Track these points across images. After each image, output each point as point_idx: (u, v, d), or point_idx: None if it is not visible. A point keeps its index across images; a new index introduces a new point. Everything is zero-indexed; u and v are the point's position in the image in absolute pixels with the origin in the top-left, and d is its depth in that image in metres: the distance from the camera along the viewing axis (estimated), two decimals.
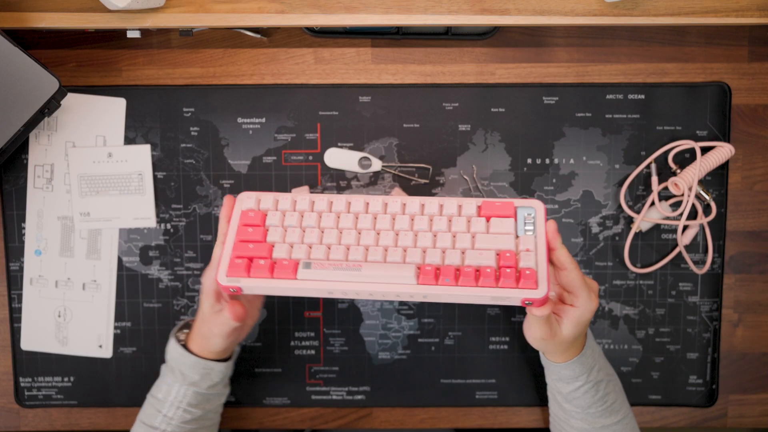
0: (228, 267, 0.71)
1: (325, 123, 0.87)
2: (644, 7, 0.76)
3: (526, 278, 0.67)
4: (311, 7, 0.76)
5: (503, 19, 0.76)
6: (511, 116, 0.87)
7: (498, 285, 0.67)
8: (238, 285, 0.70)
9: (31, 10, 0.76)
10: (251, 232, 0.72)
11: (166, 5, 0.76)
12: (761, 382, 0.92)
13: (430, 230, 0.71)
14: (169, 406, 0.78)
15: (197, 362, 0.78)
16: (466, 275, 0.67)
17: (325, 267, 0.69)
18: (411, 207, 0.73)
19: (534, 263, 0.68)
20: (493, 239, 0.70)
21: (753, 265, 0.90)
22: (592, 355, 0.77)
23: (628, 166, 0.87)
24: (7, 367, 0.91)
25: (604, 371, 0.79)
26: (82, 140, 0.86)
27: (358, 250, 0.70)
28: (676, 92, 0.86)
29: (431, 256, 0.69)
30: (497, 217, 0.72)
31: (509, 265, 0.68)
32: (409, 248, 0.70)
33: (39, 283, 0.88)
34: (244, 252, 0.71)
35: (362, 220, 0.72)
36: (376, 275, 0.68)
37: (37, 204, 0.88)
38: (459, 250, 0.69)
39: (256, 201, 0.74)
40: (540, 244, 0.70)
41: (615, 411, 0.78)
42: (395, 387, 0.90)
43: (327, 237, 0.72)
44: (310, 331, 0.90)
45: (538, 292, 0.66)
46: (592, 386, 0.77)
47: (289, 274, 0.69)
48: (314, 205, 0.74)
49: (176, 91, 0.86)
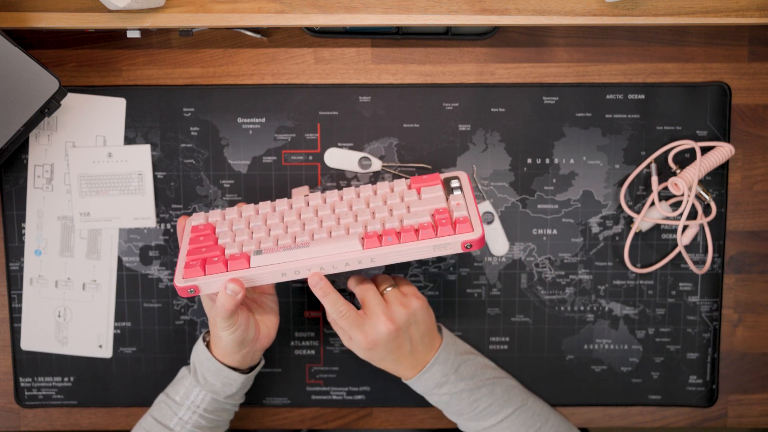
0: (184, 269, 0.74)
1: (325, 123, 0.87)
2: (644, 7, 0.76)
3: (461, 223, 0.72)
4: (311, 7, 0.76)
5: (503, 19, 0.76)
6: (511, 116, 0.87)
7: (437, 235, 0.72)
8: (194, 284, 0.73)
9: (31, 10, 0.76)
10: (202, 240, 0.77)
11: (166, 5, 0.76)
12: (761, 382, 0.92)
13: (368, 208, 0.76)
14: (186, 410, 0.78)
15: (220, 369, 0.77)
16: (406, 232, 0.72)
17: (275, 251, 0.73)
18: (347, 195, 0.78)
19: (466, 212, 0.74)
20: (425, 203, 0.75)
21: (753, 265, 0.90)
22: (441, 370, 0.78)
23: (628, 166, 0.87)
24: (7, 367, 0.91)
25: (468, 381, 0.79)
26: (82, 140, 0.86)
27: (304, 233, 0.75)
28: (676, 92, 0.86)
29: (372, 225, 0.74)
30: (427, 186, 0.77)
31: (444, 217, 0.73)
32: (351, 224, 0.75)
33: (39, 283, 0.88)
34: (197, 255, 0.75)
35: (305, 212, 0.77)
36: (325, 248, 0.72)
37: (37, 204, 0.88)
38: (397, 217, 0.75)
39: (205, 217, 0.80)
40: (469, 200, 0.76)
41: (493, 413, 0.79)
42: (395, 387, 0.90)
43: (274, 230, 0.77)
44: (310, 331, 0.90)
45: (474, 234, 0.71)
46: (452, 397, 0.79)
47: (243, 264, 0.73)
48: (259, 210, 0.79)
49: (176, 91, 0.86)
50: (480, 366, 0.81)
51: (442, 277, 0.89)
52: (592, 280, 0.89)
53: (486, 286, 0.89)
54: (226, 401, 0.79)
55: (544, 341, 0.90)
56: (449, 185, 0.78)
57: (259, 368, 0.82)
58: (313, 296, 0.89)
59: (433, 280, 0.89)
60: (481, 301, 0.89)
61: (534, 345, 0.90)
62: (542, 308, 0.89)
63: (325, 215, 0.76)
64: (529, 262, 0.88)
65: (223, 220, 0.79)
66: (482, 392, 0.79)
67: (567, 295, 0.89)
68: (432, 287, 0.89)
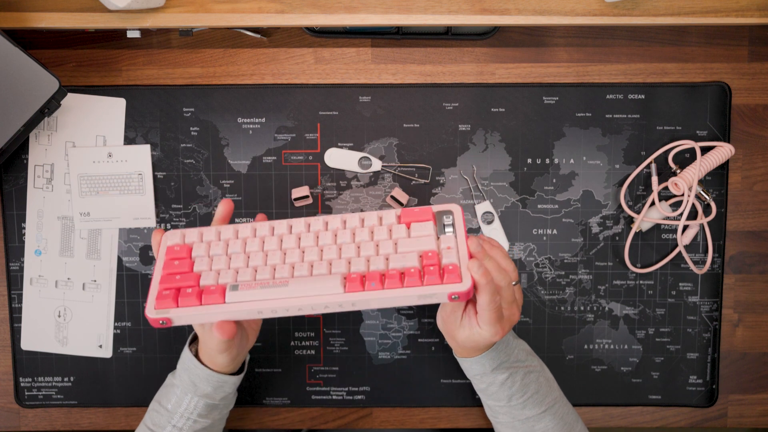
0: (156, 299, 0.70)
1: (325, 123, 0.87)
2: (644, 7, 0.76)
3: (449, 273, 0.68)
4: (311, 7, 0.76)
5: (503, 19, 0.76)
6: (511, 116, 0.87)
7: (423, 283, 0.68)
8: (167, 316, 0.69)
9: (31, 10, 0.76)
10: (177, 264, 0.73)
11: (166, 5, 0.76)
12: (761, 382, 0.92)
13: (353, 242, 0.72)
14: (179, 417, 0.78)
15: (211, 375, 0.77)
16: (391, 278, 0.68)
17: (252, 287, 0.69)
18: (333, 223, 0.74)
19: (456, 259, 0.69)
20: (414, 242, 0.71)
21: (753, 265, 0.90)
22: (505, 350, 0.78)
23: (628, 166, 0.87)
24: (7, 367, 0.91)
25: (523, 363, 0.78)
26: (82, 140, 0.86)
27: (284, 268, 0.71)
28: (676, 92, 0.86)
29: (356, 265, 0.70)
30: (417, 221, 0.73)
31: (432, 263, 0.69)
32: (334, 260, 0.71)
33: (39, 283, 0.88)
34: (171, 284, 0.71)
35: (286, 240, 0.73)
36: (303, 289, 0.69)
37: (37, 204, 0.88)
38: (383, 256, 0.71)
39: (182, 236, 0.75)
40: (461, 242, 0.71)
41: (538, 402, 0.78)
42: (395, 387, 0.90)
43: (253, 260, 0.72)
44: (310, 331, 0.90)
45: (462, 285, 0.67)
46: (507, 379, 0.77)
47: (217, 299, 0.69)
48: (238, 233, 0.74)
49: (176, 91, 0.86)
50: (527, 351, 0.81)
51: None
52: (592, 280, 0.89)
53: None
54: (221, 402, 0.79)
55: (544, 341, 0.90)
56: (441, 221, 0.73)
57: (246, 367, 0.82)
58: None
59: None
60: None
61: (534, 345, 0.90)
62: (542, 308, 0.89)
63: (308, 247, 0.72)
64: (529, 262, 0.88)
65: (200, 242, 0.75)
66: (531, 378, 0.78)
67: (567, 295, 0.89)
68: None
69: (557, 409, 0.79)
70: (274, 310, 0.69)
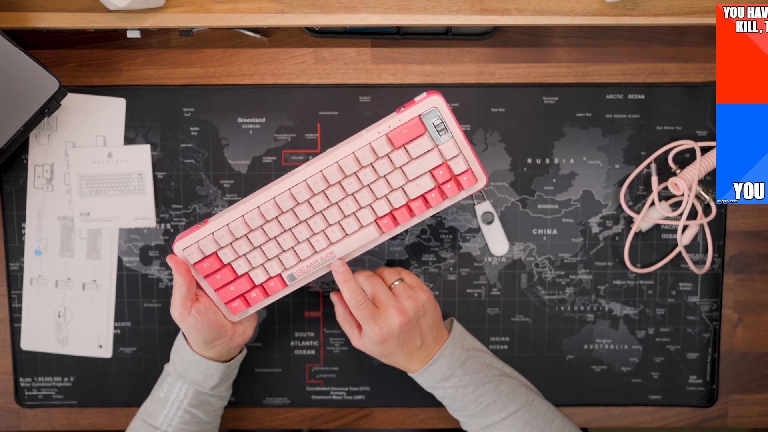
0: (231, 312, 0.79)
1: (325, 123, 0.87)
2: (644, 7, 0.76)
3: (466, 180, 0.74)
4: (311, 7, 0.76)
5: (503, 19, 0.76)
6: (511, 116, 0.87)
7: (445, 197, 0.75)
8: (247, 315, 0.80)
9: (31, 10, 0.76)
10: (220, 279, 0.77)
11: (166, 5, 0.76)
12: (761, 382, 0.92)
13: (364, 185, 0.75)
14: (170, 405, 0.79)
15: (200, 361, 0.78)
16: (416, 206, 0.75)
17: (306, 271, 0.77)
18: (332, 176, 0.74)
19: (465, 163, 0.74)
20: (419, 164, 0.74)
21: (753, 265, 0.90)
22: (447, 363, 0.78)
23: (628, 166, 0.87)
24: (7, 367, 0.91)
25: (474, 375, 0.79)
26: (82, 140, 0.86)
27: (319, 239, 0.76)
28: (676, 92, 0.86)
29: (380, 208, 0.75)
30: (411, 141, 0.73)
31: (446, 179, 0.74)
32: (357, 213, 0.75)
33: (39, 283, 0.88)
34: (230, 295, 0.78)
35: (301, 211, 0.75)
36: (347, 249, 0.76)
37: (37, 204, 0.88)
38: (400, 191, 0.74)
39: (198, 250, 0.76)
40: (460, 141, 0.74)
41: (497, 410, 0.79)
42: (395, 387, 0.90)
43: (284, 242, 0.76)
44: (310, 331, 0.90)
45: (478, 185, 0.75)
46: (457, 391, 0.79)
47: (277, 286, 0.78)
48: (249, 224, 0.75)
49: (176, 91, 0.86)
50: (486, 363, 0.81)
51: (442, 277, 0.89)
52: (592, 280, 0.89)
53: (486, 286, 0.89)
54: (212, 393, 0.79)
55: (544, 341, 0.90)
56: (431, 125, 0.72)
57: (241, 357, 0.83)
58: (313, 296, 0.89)
59: (433, 280, 0.89)
60: (481, 301, 0.89)
61: (534, 345, 0.90)
62: (542, 308, 0.89)
63: (325, 209, 0.75)
64: (529, 262, 0.88)
65: (221, 248, 0.76)
66: (487, 388, 0.79)
67: (567, 295, 0.89)
68: (432, 287, 0.89)
69: (520, 415, 0.79)
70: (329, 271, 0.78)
